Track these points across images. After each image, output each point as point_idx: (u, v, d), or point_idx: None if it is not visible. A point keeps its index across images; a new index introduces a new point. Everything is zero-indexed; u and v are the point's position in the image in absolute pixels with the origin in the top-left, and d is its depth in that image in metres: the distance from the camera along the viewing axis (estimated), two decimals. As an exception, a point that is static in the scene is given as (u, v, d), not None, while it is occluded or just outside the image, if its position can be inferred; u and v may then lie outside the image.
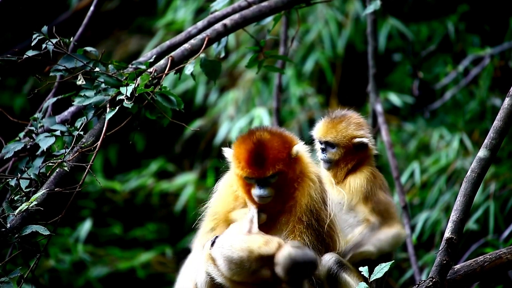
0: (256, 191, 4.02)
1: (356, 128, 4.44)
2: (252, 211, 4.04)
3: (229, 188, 4.17)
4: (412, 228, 6.49)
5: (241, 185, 4.09)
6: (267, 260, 3.88)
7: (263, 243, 3.88)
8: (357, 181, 4.36)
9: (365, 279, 3.89)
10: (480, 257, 3.93)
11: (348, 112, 4.51)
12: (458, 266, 3.91)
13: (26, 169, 4.21)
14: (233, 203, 4.14)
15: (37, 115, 4.38)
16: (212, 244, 3.95)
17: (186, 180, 8.91)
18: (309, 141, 4.38)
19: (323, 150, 4.44)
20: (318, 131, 4.47)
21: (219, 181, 4.25)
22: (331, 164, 4.41)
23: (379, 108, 6.08)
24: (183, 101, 4.45)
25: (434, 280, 3.72)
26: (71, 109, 4.54)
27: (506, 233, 6.58)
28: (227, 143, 4.25)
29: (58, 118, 4.49)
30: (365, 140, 4.41)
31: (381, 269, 3.77)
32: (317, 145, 4.49)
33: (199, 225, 4.21)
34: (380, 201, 4.34)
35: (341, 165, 4.40)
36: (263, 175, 3.99)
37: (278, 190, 4.04)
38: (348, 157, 4.41)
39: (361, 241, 4.24)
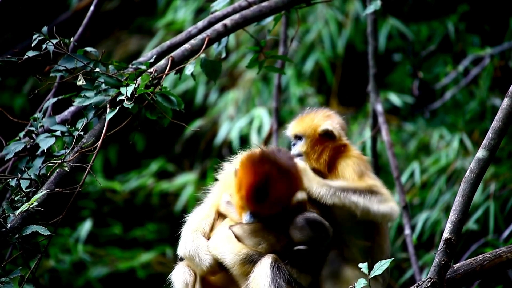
0: (245, 217, 3.98)
1: (322, 119, 4.40)
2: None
3: (227, 181, 4.16)
4: (412, 228, 6.49)
5: (236, 204, 4.04)
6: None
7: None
8: (346, 162, 4.31)
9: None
10: (480, 256, 3.93)
11: (320, 108, 4.50)
12: (457, 265, 3.91)
13: (26, 169, 4.21)
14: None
15: (37, 115, 4.39)
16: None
17: (186, 180, 8.91)
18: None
19: (294, 145, 4.41)
20: (289, 129, 4.46)
21: (218, 174, 4.27)
22: (302, 158, 4.34)
23: (379, 108, 6.09)
24: (183, 101, 4.45)
25: (432, 280, 3.72)
26: (72, 109, 4.54)
27: (506, 233, 6.58)
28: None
29: (58, 118, 4.49)
30: (329, 127, 4.37)
31: (381, 266, 3.77)
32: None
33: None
34: (376, 178, 4.30)
35: (313, 156, 4.35)
36: (260, 212, 3.94)
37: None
38: (317, 148, 4.34)
39: (354, 188, 4.15)
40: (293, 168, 3.99)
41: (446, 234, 3.78)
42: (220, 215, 4.14)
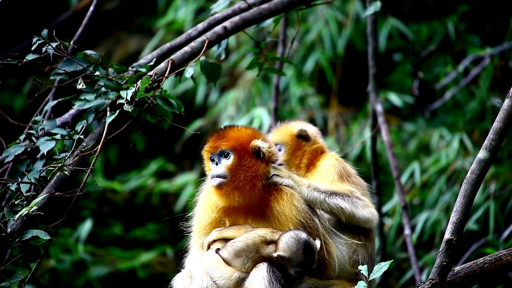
0: (211, 171, 4.14)
1: (296, 125, 4.55)
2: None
3: (208, 199, 4.28)
4: (412, 228, 6.49)
5: (208, 172, 4.20)
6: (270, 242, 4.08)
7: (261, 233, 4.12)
8: (327, 162, 4.42)
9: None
10: (480, 259, 3.93)
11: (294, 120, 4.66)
12: (458, 268, 3.92)
13: (26, 172, 4.21)
14: (215, 214, 4.26)
15: (38, 117, 4.38)
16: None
17: (186, 180, 8.91)
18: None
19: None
20: None
21: (199, 193, 4.36)
22: (284, 167, 4.45)
23: (379, 108, 6.09)
24: (183, 101, 4.46)
25: (433, 281, 3.73)
26: (72, 111, 4.53)
27: (506, 233, 6.58)
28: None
29: (58, 120, 4.49)
30: (303, 127, 4.48)
31: (380, 268, 3.78)
32: None
33: (188, 241, 4.35)
34: (356, 182, 4.38)
35: (294, 162, 4.48)
36: (217, 147, 4.13)
37: (234, 175, 4.10)
38: (297, 153, 4.49)
39: (341, 193, 4.25)
40: (258, 131, 4.28)
41: (447, 235, 3.78)
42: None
